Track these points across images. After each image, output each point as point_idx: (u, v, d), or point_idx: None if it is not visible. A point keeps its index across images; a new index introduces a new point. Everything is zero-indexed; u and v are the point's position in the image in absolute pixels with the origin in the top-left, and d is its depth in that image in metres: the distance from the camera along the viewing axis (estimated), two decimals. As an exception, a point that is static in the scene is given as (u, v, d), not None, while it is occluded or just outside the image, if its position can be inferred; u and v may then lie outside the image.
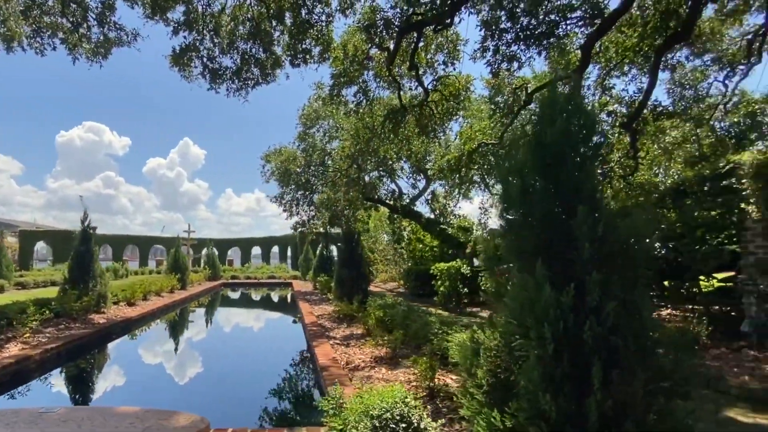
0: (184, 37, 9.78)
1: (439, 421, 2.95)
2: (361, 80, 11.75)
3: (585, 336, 2.62)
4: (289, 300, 22.66)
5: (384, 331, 7.75)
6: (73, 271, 12.06)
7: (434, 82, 11.89)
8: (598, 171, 10.73)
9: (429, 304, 12.82)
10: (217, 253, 31.23)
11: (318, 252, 24.24)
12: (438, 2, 9.47)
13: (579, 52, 10.16)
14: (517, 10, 9.62)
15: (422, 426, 2.68)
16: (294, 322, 15.61)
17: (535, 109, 13.33)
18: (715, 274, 7.11)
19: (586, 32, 9.37)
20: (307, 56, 10.33)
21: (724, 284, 7.08)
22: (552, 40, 9.63)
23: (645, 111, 9.87)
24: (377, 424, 2.63)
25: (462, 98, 11.93)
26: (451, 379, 4.88)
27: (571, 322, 2.66)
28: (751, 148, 11.08)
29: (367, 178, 17.30)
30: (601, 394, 2.51)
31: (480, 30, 9.89)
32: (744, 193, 6.72)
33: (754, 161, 6.67)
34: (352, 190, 15.28)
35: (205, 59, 10.16)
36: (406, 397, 2.87)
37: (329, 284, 16.60)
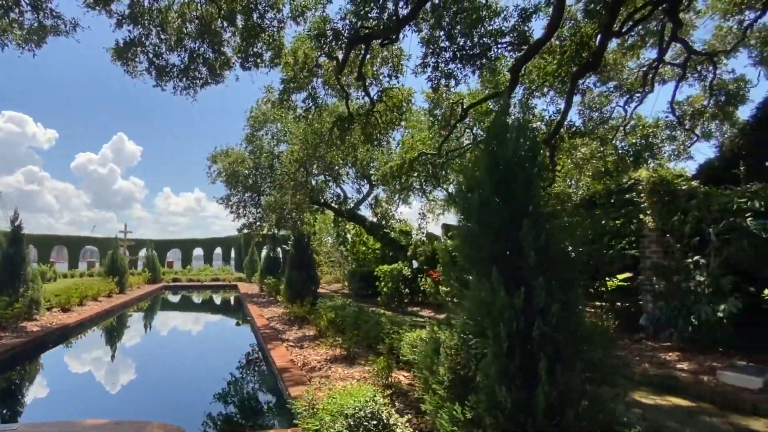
0: (129, 31, 9.14)
1: (406, 416, 3.08)
2: (310, 87, 11.67)
3: (534, 334, 2.88)
4: (236, 303, 21.61)
5: (336, 332, 7.78)
6: (1, 275, 10.82)
7: (379, 93, 12.14)
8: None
9: (372, 304, 12.94)
10: (156, 254, 29.11)
11: (265, 254, 23.64)
12: (385, 18, 9.71)
13: (508, 74, 10.96)
14: (455, 31, 10.12)
15: (391, 422, 2.81)
16: (237, 324, 15.15)
17: (473, 123, 14.10)
18: (618, 275, 8.00)
19: (515, 56, 10.09)
20: (259, 60, 10.10)
21: (623, 284, 7.98)
22: (485, 61, 10.24)
23: (562, 129, 10.87)
24: (351, 423, 2.72)
25: (404, 110, 12.30)
26: (404, 376, 5.05)
27: (522, 322, 2.93)
28: (646, 165, 12.66)
29: (314, 182, 17.19)
30: (548, 385, 2.80)
31: (422, 47, 10.30)
32: (642, 205, 7.61)
33: (650, 178, 7.58)
34: (299, 193, 15.10)
35: (151, 55, 9.55)
36: (375, 396, 2.98)
37: (278, 286, 16.16)
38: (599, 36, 9.61)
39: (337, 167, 17.22)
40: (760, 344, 5.97)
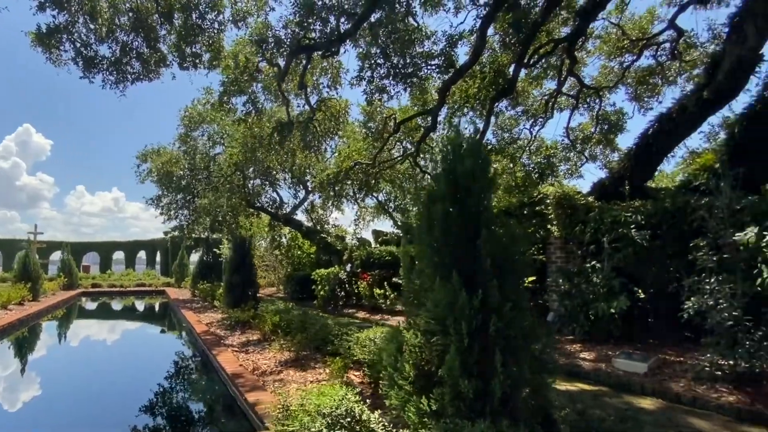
0: (53, 16, 8.18)
1: (377, 411, 3.17)
2: (250, 91, 11.33)
3: (491, 330, 3.16)
4: (166, 309, 19.73)
5: (280, 335, 7.63)
6: None
7: (318, 103, 12.11)
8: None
9: (309, 307, 12.70)
10: (71, 258, 25.48)
11: (198, 258, 22.06)
12: (327, 32, 9.76)
13: (436, 93, 11.57)
14: (389, 50, 10.47)
15: (364, 418, 2.88)
16: (162, 331, 14.12)
17: (403, 137, 14.48)
18: (528, 278, 8.83)
19: (442, 78, 10.70)
20: (197, 61, 9.61)
21: (531, 285, 8.83)
22: (415, 79, 10.71)
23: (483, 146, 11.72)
24: (329, 421, 2.75)
25: (341, 120, 12.40)
26: (355, 375, 5.11)
27: (479, 320, 3.19)
28: (548, 181, 14.12)
29: (250, 186, 16.50)
30: (503, 375, 3.07)
31: (359, 62, 10.48)
32: (549, 216, 8.51)
33: (556, 194, 8.52)
34: (235, 196, 14.42)
35: (78, 44, 8.61)
36: (347, 394, 3.03)
37: (214, 291, 15.47)
38: (513, 66, 10.60)
39: (274, 172, 16.75)
40: (641, 335, 7.00)
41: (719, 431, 4.03)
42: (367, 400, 4.21)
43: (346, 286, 12.76)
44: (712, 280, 5.24)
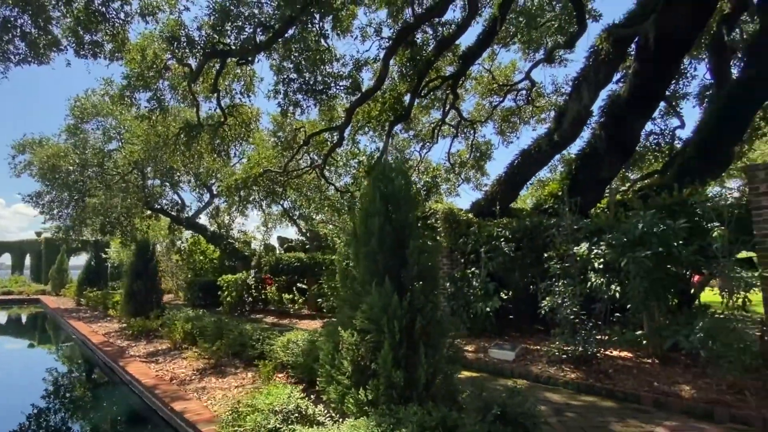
0: None
1: (319, 406, 3.29)
2: (156, 88, 10.24)
3: (416, 327, 3.58)
4: (46, 320, 16.18)
5: (192, 343, 7.03)
6: None
7: (230, 108, 11.46)
8: (345, 203, 12.47)
9: (215, 313, 11.64)
10: None
11: (86, 263, 18.48)
12: (243, 40, 9.41)
13: (342, 112, 11.94)
14: (302, 66, 10.53)
15: (310, 412, 3.01)
16: (29, 346, 11.81)
17: (311, 149, 14.33)
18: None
19: (350, 98, 11.10)
20: (98, 50, 8.46)
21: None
22: (325, 97, 10.94)
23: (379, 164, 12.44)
24: (282, 417, 2.82)
25: (252, 127, 11.89)
26: (279, 377, 5.05)
27: (408, 319, 3.59)
28: (433, 198, 15.52)
29: (149, 186, 14.51)
30: (426, 366, 3.50)
31: (274, 75, 10.32)
32: (438, 229, 9.50)
33: (443, 210, 9.51)
34: (131, 196, 12.57)
35: None
36: (292, 393, 3.12)
37: (106, 299, 13.64)
38: (409, 95, 11.53)
39: (178, 174, 15.11)
40: (508, 330, 8.21)
41: (565, 401, 5.03)
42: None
43: (254, 291, 12.26)
44: (560, 283, 6.46)
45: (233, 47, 9.69)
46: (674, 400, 4.69)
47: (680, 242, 5.59)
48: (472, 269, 8.21)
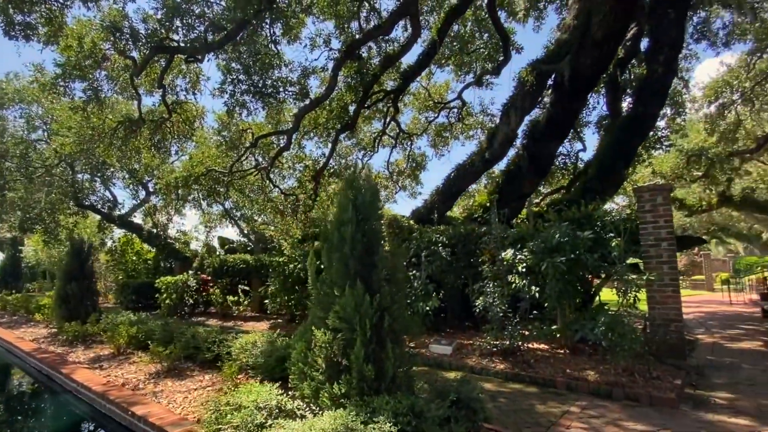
0: None
1: (296, 401, 3.39)
2: (93, 78, 9.25)
3: (385, 325, 3.85)
4: None
5: (137, 347, 6.50)
6: None
7: (174, 105, 10.68)
8: (289, 206, 12.32)
9: (152, 316, 10.72)
10: None
11: (1, 263, 15.58)
12: (192, 37, 8.96)
13: (289, 116, 11.80)
14: (252, 69, 10.27)
15: (290, 407, 3.12)
16: None
17: (257, 151, 13.79)
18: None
19: (298, 104, 11.04)
20: (30, 32, 7.49)
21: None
22: (273, 101, 10.76)
23: (327, 169, 12.49)
24: (267, 413, 2.90)
25: (196, 126, 11.18)
26: (239, 378, 4.94)
27: (377, 317, 3.84)
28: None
29: (79, 181, 12.77)
30: (393, 359, 3.79)
31: (221, 74, 9.92)
32: (383, 234, 9.84)
33: (388, 216, 9.92)
34: (56, 191, 11.00)
35: None
36: (271, 390, 3.20)
37: (29, 303, 12.33)
38: (355, 106, 11.79)
39: (112, 169, 13.56)
40: (443, 327, 8.79)
41: (497, 389, 5.59)
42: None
43: (195, 293, 11.54)
44: (491, 285, 7.17)
45: (181, 44, 9.22)
46: (582, 383, 5.43)
47: (586, 250, 6.50)
48: (414, 272, 8.67)
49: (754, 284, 17.50)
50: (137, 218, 17.06)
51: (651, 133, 11.66)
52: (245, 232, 17.29)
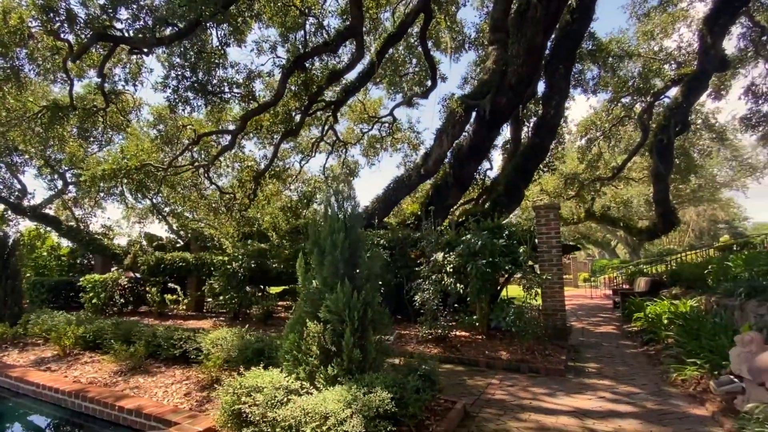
0: None
1: (297, 382, 3.80)
2: (14, 56, 7.97)
3: (368, 316, 4.49)
4: None
5: (85, 348, 5.94)
6: None
7: (110, 94, 9.62)
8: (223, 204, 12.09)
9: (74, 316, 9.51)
10: None
11: None
12: (138, 28, 8.40)
13: (229, 115, 11.53)
14: (198, 67, 9.93)
15: (294, 387, 3.58)
16: None
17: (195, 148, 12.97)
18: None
19: (242, 105, 10.90)
20: None
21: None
22: (217, 100, 10.50)
23: (268, 171, 12.40)
24: (285, 391, 3.32)
25: (131, 118, 10.17)
26: (219, 371, 5.03)
27: (362, 310, 4.46)
28: (312, 206, 16.10)
29: None
30: (375, 343, 4.45)
31: (165, 68, 9.38)
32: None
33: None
34: None
35: None
36: (278, 374, 3.65)
37: None
38: (300, 114, 12.05)
39: (27, 156, 11.40)
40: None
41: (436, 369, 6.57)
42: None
43: (125, 292, 10.54)
44: (426, 283, 8.18)
45: (126, 33, 8.67)
46: (498, 361, 6.62)
47: (500, 254, 7.82)
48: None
49: (606, 282, 21.56)
50: (50, 210, 14.84)
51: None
52: (174, 228, 16.12)
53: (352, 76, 12.50)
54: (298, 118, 12.13)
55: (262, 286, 11.19)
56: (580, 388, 5.39)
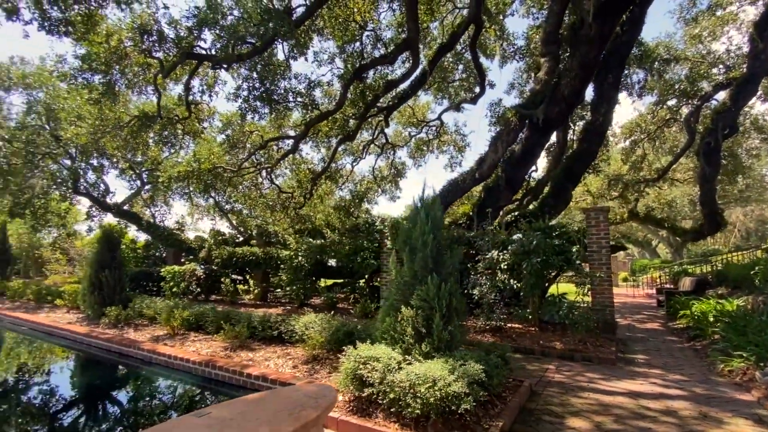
0: None
1: (401, 355, 4.77)
2: (113, 73, 9.49)
3: (453, 305, 5.37)
4: None
5: (188, 329, 7.19)
6: None
7: (191, 105, 11.08)
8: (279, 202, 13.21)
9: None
10: None
11: None
12: (220, 47, 9.62)
13: (290, 121, 12.72)
14: (265, 78, 11.09)
15: (399, 359, 4.57)
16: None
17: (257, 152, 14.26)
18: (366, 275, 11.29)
19: (303, 113, 12.01)
20: (70, 29, 7.58)
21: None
22: (281, 108, 11.65)
23: (325, 173, 13.55)
24: (398, 359, 4.35)
25: (206, 125, 11.60)
26: (299, 348, 6.10)
27: (448, 299, 5.35)
28: (363, 206, 17.17)
29: (75, 168, 12.25)
30: (458, 326, 5.34)
31: (237, 80, 10.64)
32: (385, 233, 11.25)
33: (390, 220, 11.33)
34: (48, 177, 10.59)
35: None
36: (385, 348, 4.64)
37: (24, 289, 12.37)
38: (356, 120, 13.05)
39: (114, 159, 13.15)
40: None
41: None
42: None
43: (201, 282, 11.96)
44: (484, 278, 8.96)
45: (210, 52, 9.89)
46: (552, 350, 7.32)
47: (553, 253, 8.47)
48: (412, 266, 10.22)
49: (647, 281, 21.54)
50: (128, 207, 16.66)
51: (590, 162, 14.29)
52: (234, 224, 17.61)
53: (404, 83, 13.37)
54: (352, 123, 13.12)
55: (319, 279, 12.30)
56: (631, 375, 6.05)
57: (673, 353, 7.52)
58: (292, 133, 13.79)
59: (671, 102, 16.96)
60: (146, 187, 16.13)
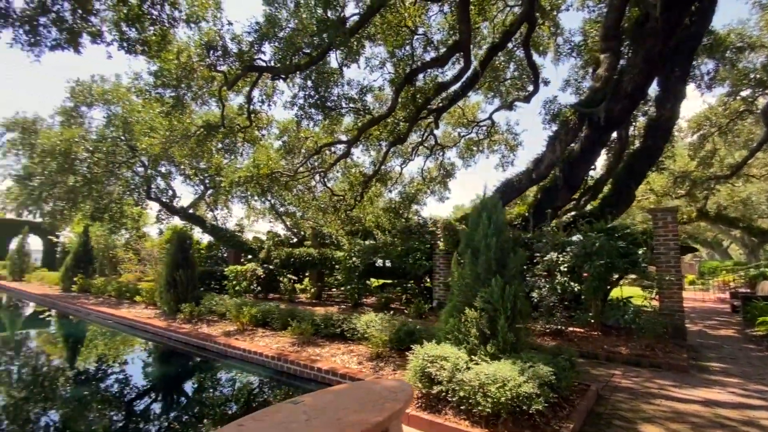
0: None
1: (461, 348, 4.98)
2: (182, 86, 10.51)
3: (518, 307, 5.47)
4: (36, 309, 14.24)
5: (256, 325, 7.83)
6: None
7: (251, 114, 12.00)
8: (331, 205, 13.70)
9: None
10: None
11: (75, 248, 16.39)
12: (279, 58, 10.27)
13: (342, 127, 13.25)
14: (320, 87, 11.65)
15: (466, 358, 4.75)
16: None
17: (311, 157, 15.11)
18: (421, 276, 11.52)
19: (355, 118, 12.48)
20: (147, 48, 8.52)
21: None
22: (334, 114, 12.18)
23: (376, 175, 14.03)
24: (466, 359, 4.55)
25: (264, 133, 12.50)
26: (362, 345, 6.45)
27: (512, 301, 5.45)
28: (412, 207, 17.50)
29: (147, 175, 13.82)
30: (522, 328, 5.42)
31: (292, 89, 11.30)
32: (438, 234, 11.42)
33: (443, 221, 11.48)
34: (123, 183, 12.04)
35: None
36: (451, 347, 4.86)
37: (104, 285, 13.80)
38: (408, 122, 13.30)
39: (182, 166, 14.61)
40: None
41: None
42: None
43: (261, 281, 12.85)
44: (543, 281, 8.86)
45: (269, 63, 10.53)
46: (618, 355, 7.11)
47: (617, 256, 8.20)
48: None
49: (718, 285, 19.98)
50: (193, 211, 18.18)
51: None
52: (288, 225, 18.56)
53: (455, 85, 13.43)
54: (402, 126, 13.38)
55: (369, 279, 12.66)
56: (706, 383, 5.76)
57: (752, 362, 7.09)
58: (344, 138, 14.32)
59: (745, 92, 15.67)
60: (209, 191, 17.43)
